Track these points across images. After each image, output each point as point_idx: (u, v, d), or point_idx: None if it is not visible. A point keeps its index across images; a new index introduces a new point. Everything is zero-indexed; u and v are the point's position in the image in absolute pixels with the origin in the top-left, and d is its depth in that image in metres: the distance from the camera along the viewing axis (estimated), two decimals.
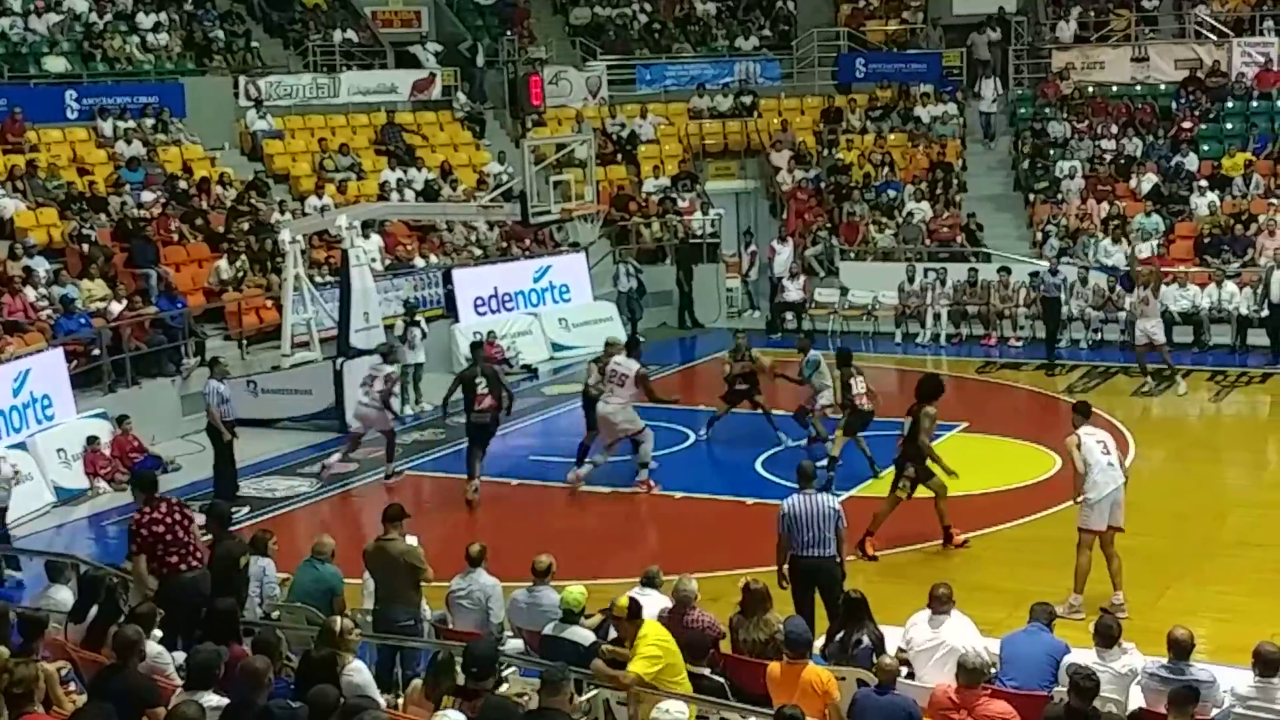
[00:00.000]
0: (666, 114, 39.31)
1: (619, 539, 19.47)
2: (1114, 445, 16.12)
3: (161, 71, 34.09)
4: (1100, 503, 15.71)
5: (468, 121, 37.52)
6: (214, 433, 21.35)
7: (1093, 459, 15.75)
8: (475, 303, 30.34)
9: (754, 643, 12.54)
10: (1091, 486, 15.71)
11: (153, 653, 11.60)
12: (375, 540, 14.02)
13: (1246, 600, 16.11)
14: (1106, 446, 15.92)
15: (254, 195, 30.97)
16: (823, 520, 14.42)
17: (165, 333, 25.85)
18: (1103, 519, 15.75)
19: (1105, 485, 15.72)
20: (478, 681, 10.41)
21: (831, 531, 14.44)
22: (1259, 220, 30.81)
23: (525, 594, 13.69)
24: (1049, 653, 11.97)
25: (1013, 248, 32.94)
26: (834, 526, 14.46)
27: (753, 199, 38.14)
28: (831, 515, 14.48)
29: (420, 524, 16.13)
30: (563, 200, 26.05)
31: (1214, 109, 35.39)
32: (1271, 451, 23.71)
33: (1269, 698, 10.86)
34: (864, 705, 11.12)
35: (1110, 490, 15.73)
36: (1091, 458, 15.76)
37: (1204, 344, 28.82)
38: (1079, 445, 15.86)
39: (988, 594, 14.96)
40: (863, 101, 38.99)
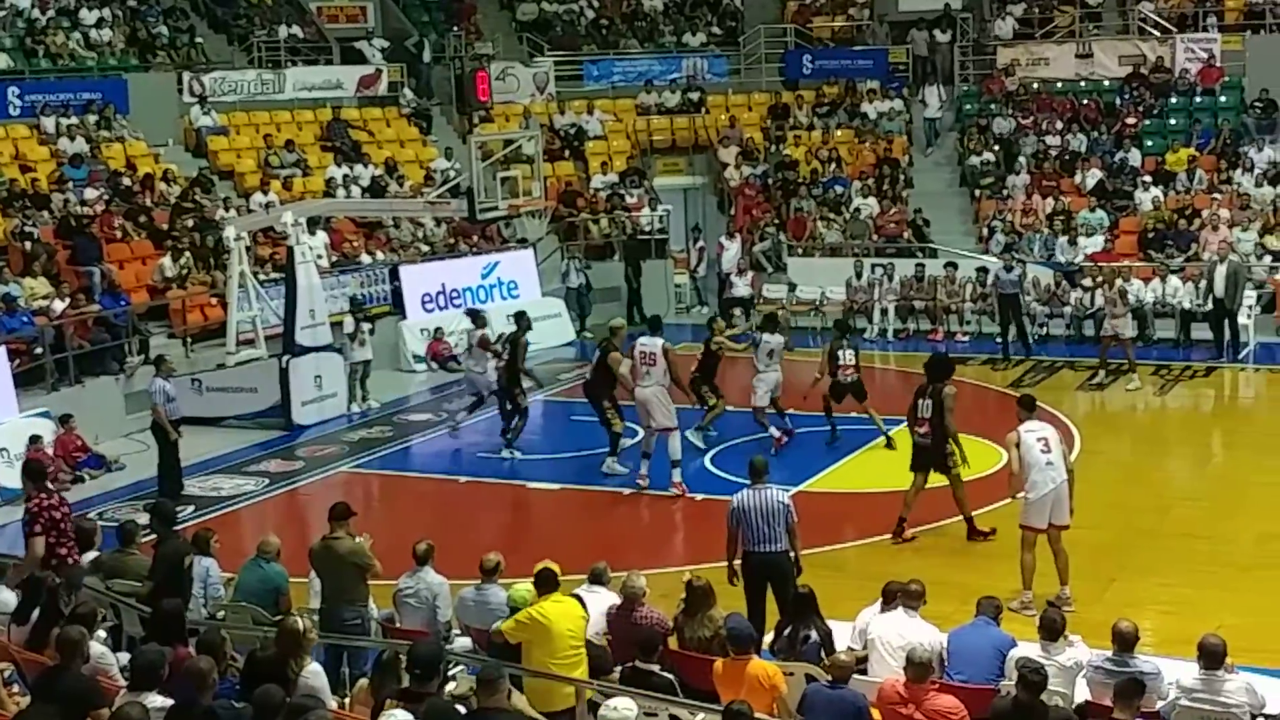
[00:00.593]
0: (614, 110, 39.29)
1: (568, 536, 19.41)
2: (1056, 442, 16.03)
3: (105, 68, 33.87)
4: (1039, 501, 15.72)
5: (414, 117, 37.39)
6: (159, 431, 21.21)
7: (1032, 457, 15.73)
8: (423, 299, 30.25)
9: (699, 640, 12.54)
10: (1031, 486, 15.74)
11: (96, 653, 11.49)
12: (321, 539, 13.94)
13: (1191, 593, 16.21)
14: (1048, 444, 15.85)
15: (198, 192, 30.76)
16: (773, 515, 14.41)
17: (109, 331, 25.66)
18: (1043, 517, 15.76)
19: (1044, 485, 15.70)
20: (422, 683, 10.24)
21: (782, 526, 14.43)
22: (1202, 215, 31.03)
23: (473, 592, 13.63)
24: (996, 646, 12.00)
25: (959, 243, 33.07)
26: (784, 521, 14.45)
27: (700, 195, 38.17)
28: (781, 510, 14.46)
29: (367, 522, 16.07)
30: (510, 196, 25.98)
31: (1158, 105, 35.59)
32: (1216, 445, 23.89)
33: (1213, 689, 10.93)
34: (814, 700, 11.13)
35: (1049, 489, 15.70)
36: (1031, 456, 15.74)
37: (1148, 338, 28.97)
38: (1018, 443, 15.85)
39: (935, 588, 14.90)
40: (810, 98, 39.05)
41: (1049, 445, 15.86)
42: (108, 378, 25.17)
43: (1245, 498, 19.99)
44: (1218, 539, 18.14)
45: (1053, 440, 15.98)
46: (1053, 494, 15.73)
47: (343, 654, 13.06)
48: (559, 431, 25.07)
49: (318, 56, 37.78)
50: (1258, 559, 17.41)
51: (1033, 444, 15.81)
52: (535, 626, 12.10)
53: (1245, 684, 11.06)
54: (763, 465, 14.99)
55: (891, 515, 18.30)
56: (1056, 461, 15.83)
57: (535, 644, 12.06)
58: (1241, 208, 31.23)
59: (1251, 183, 32.12)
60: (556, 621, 12.10)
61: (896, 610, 12.56)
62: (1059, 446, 16.03)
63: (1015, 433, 15.99)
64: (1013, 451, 15.90)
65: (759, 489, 14.64)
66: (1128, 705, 10.25)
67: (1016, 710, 10.53)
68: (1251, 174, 32.37)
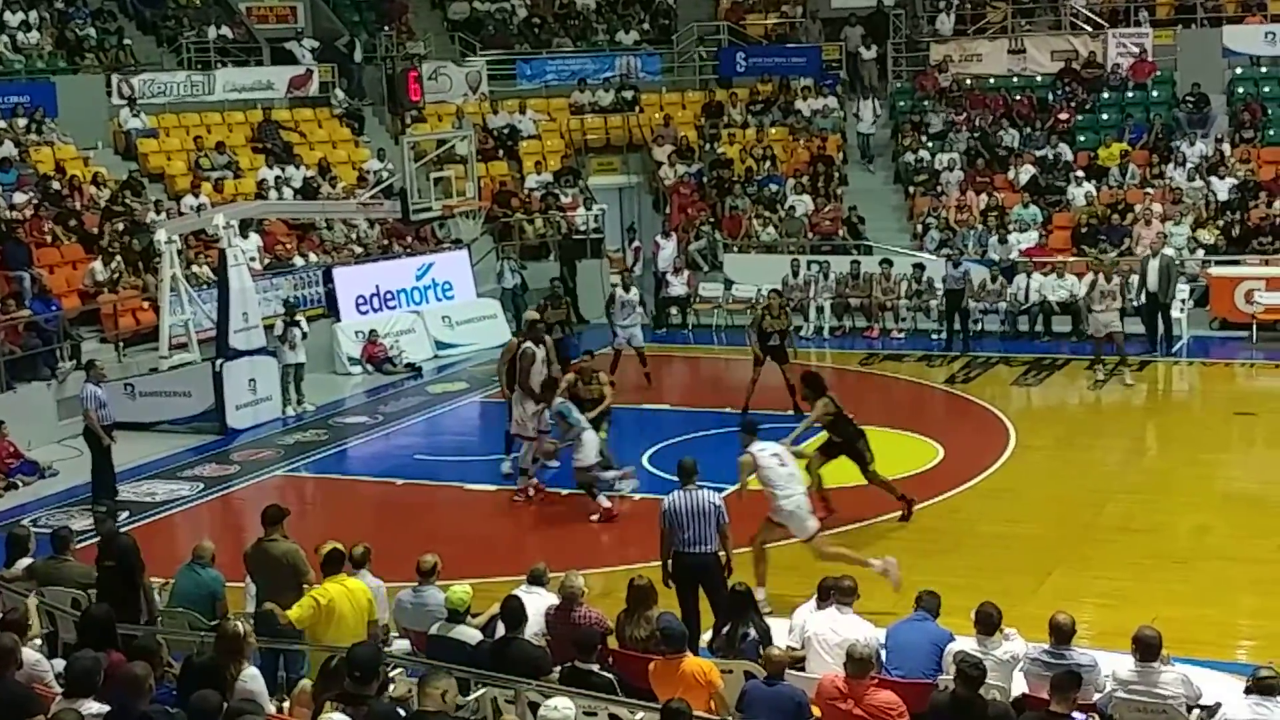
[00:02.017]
0: (547, 109, 39.24)
1: (505, 537, 19.34)
2: (789, 456, 16.22)
3: (32, 71, 33.57)
4: (796, 512, 15.78)
5: (346, 118, 37.20)
6: (92, 437, 20.98)
7: (773, 474, 15.78)
8: (357, 301, 30.11)
9: (636, 640, 12.52)
10: (786, 499, 15.74)
11: (30, 660, 11.35)
12: (256, 542, 13.84)
13: (1127, 585, 16.31)
14: (782, 459, 15.98)
15: (129, 195, 30.49)
16: (703, 516, 14.38)
17: (40, 336, 25.37)
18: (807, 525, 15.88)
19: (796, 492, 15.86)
20: (361, 685, 10.26)
21: (713, 527, 14.40)
22: (1135, 210, 31.23)
23: (410, 594, 13.58)
24: (933, 641, 12.04)
25: (894, 240, 33.19)
26: (715, 522, 14.42)
27: (635, 194, 38.14)
28: (713, 511, 14.43)
29: (304, 526, 15.97)
30: (444, 197, 25.93)
31: (1090, 100, 35.85)
32: (1150, 438, 24.04)
33: (1149, 681, 11.00)
34: (753, 696, 11.14)
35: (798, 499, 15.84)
36: (771, 474, 15.78)
37: (1082, 333, 29.10)
38: (755, 465, 15.86)
39: (872, 583, 15.00)
40: (744, 95, 39.10)
41: (784, 460, 16.00)
42: (39, 383, 24.89)
43: (1180, 490, 20.13)
44: (1153, 531, 18.27)
45: (786, 455, 16.14)
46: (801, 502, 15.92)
47: (280, 657, 12.96)
48: (496, 433, 24.95)
49: (248, 57, 37.54)
50: (1193, 551, 17.56)
51: (769, 460, 15.88)
52: (321, 609, 12.35)
53: (1181, 675, 11.13)
54: (692, 466, 14.90)
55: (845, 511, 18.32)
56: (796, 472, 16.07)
57: (322, 625, 12.29)
58: (1174, 202, 31.46)
59: (1184, 177, 32.38)
60: (340, 602, 12.40)
61: (830, 607, 12.58)
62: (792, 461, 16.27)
63: (748, 454, 15.99)
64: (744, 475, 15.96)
65: (690, 490, 14.60)
66: (1064, 697, 10.29)
67: (955, 705, 10.59)
68: (1184, 168, 32.64)
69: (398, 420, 25.59)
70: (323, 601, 12.39)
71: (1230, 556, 17.19)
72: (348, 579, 12.75)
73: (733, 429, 22.64)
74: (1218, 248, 30.29)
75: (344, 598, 12.47)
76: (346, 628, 12.30)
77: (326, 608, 12.36)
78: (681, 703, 10.12)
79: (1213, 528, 18.38)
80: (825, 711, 11.09)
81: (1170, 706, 10.92)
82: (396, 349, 29.50)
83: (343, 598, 12.46)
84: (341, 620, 12.34)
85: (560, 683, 11.43)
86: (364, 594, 12.67)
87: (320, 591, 12.53)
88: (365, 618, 12.57)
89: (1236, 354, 27.83)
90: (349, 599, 12.51)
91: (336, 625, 12.29)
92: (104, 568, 13.75)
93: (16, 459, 22.56)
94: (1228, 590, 16.11)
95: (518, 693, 11.19)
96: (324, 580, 12.67)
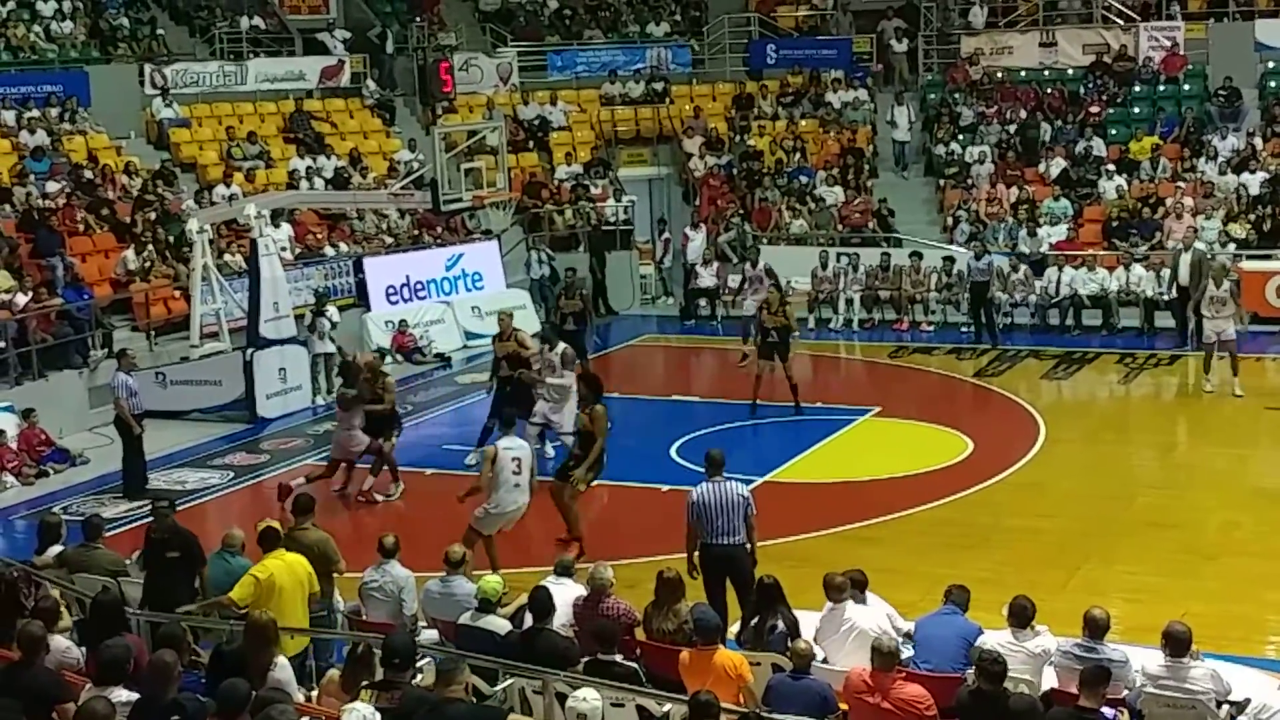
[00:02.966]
0: (578, 100, 39.23)
1: (533, 528, 19.36)
2: (528, 465, 16.53)
3: (66, 60, 33.67)
4: (500, 517, 16.43)
5: (377, 109, 37.24)
6: (122, 425, 21.09)
7: (503, 476, 16.27)
8: (387, 291, 30.15)
9: (663, 632, 12.54)
10: (496, 503, 16.31)
11: (60, 648, 11.43)
12: (287, 531, 13.90)
13: (1156, 580, 16.28)
14: (520, 465, 16.26)
15: (161, 184, 30.58)
16: (731, 508, 14.36)
17: (72, 324, 25.49)
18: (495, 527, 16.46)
19: (508, 504, 16.34)
20: (397, 673, 10.42)
21: (740, 519, 14.39)
22: (1166, 204, 31.13)
23: (439, 584, 13.62)
24: (962, 635, 12.00)
25: (924, 233, 33.11)
26: (743, 514, 14.40)
27: (665, 185, 38.08)
28: (740, 503, 14.41)
29: (334, 515, 16.03)
30: (474, 187, 25.99)
31: (1121, 93, 35.70)
32: (1179, 433, 23.98)
33: (1179, 677, 10.96)
34: (779, 689, 11.15)
35: (511, 510, 16.42)
36: (503, 475, 16.26)
37: (1113, 327, 29.08)
38: (494, 458, 16.30)
39: (900, 577, 15.01)
40: (774, 88, 39.01)
41: (520, 467, 16.31)
42: (71, 372, 25.00)
43: (1210, 485, 20.08)
44: (1183, 527, 18.22)
45: (525, 462, 16.46)
46: (512, 515, 16.53)
47: (309, 646, 13.03)
48: None
49: (280, 48, 37.60)
50: (1222, 546, 17.52)
51: (507, 462, 16.29)
52: (261, 586, 12.66)
53: (1210, 671, 11.09)
54: (720, 458, 14.88)
55: (857, 507, 18.33)
56: (524, 485, 16.45)
57: (263, 601, 12.50)
58: (1205, 196, 31.31)
59: (1215, 171, 32.22)
60: (280, 576, 12.74)
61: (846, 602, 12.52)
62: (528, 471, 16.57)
63: (494, 447, 16.52)
64: (487, 465, 16.40)
65: (717, 482, 14.57)
66: (1094, 692, 10.27)
67: (978, 699, 10.58)
68: (1215, 162, 32.47)
69: (426, 410, 25.64)
70: (262, 578, 12.70)
71: (1260, 552, 17.15)
72: (285, 553, 13.08)
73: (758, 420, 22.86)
74: (1249, 242, 30.15)
75: (283, 572, 12.81)
76: (287, 600, 12.66)
77: (266, 583, 12.65)
78: (710, 694, 10.12)
79: (1242, 523, 18.35)
80: (852, 705, 11.10)
81: (1200, 702, 10.88)
82: (426, 339, 29.55)
83: (282, 572, 12.80)
84: (282, 593, 12.66)
85: (584, 674, 11.46)
86: (303, 567, 12.99)
87: (259, 568, 12.86)
88: (305, 590, 12.92)
89: (1267, 349, 27.67)
90: (289, 572, 12.84)
91: (278, 599, 12.57)
92: (168, 559, 13.81)
93: (48, 447, 22.69)
94: (1257, 586, 16.05)
95: (545, 683, 11.22)
96: (263, 557, 13.01)
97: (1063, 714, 10.38)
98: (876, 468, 19.18)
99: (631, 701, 11.02)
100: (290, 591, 12.73)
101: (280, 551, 13.03)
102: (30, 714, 9.85)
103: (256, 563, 13.97)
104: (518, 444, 16.52)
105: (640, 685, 11.39)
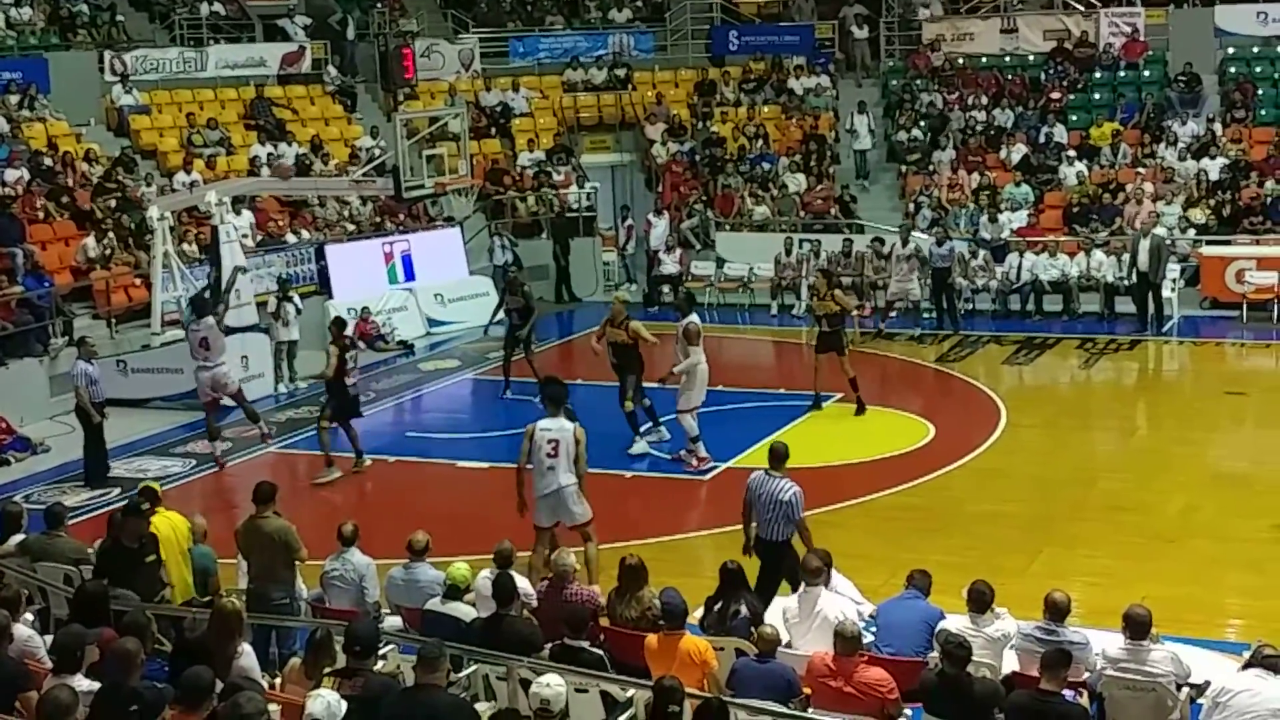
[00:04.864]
0: (540, 87, 39.16)
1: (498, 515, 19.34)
2: (566, 448, 15.68)
3: (25, 47, 33.44)
4: (537, 499, 15.75)
5: (339, 95, 37.10)
6: (83, 414, 20.97)
7: (536, 457, 15.73)
8: (349, 278, 30.01)
9: (626, 619, 12.54)
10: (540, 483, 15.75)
11: (22, 636, 11.40)
12: (248, 519, 13.90)
13: (1116, 564, 16.37)
14: (556, 448, 15.67)
15: (121, 171, 30.44)
16: (773, 505, 14.30)
17: (32, 312, 25.37)
18: (541, 516, 15.77)
19: (540, 488, 15.70)
20: (360, 660, 10.42)
21: (781, 518, 14.29)
22: (1127, 189, 31.28)
23: (402, 571, 13.61)
24: (924, 619, 12.08)
25: (886, 219, 33.17)
26: (784, 514, 14.28)
27: (628, 172, 38.13)
28: (781, 504, 14.27)
29: (296, 503, 15.98)
30: (437, 174, 25.90)
31: (1082, 79, 35.83)
32: (1139, 418, 24.09)
33: (1139, 660, 11.03)
34: (743, 674, 11.20)
35: (547, 491, 15.69)
36: (536, 456, 15.73)
37: (1073, 312, 29.22)
38: (531, 436, 15.77)
39: (863, 561, 15.06)
40: (736, 74, 39.03)
41: (557, 450, 15.70)
42: (32, 360, 24.88)
43: (1170, 469, 20.19)
44: (1142, 511, 18.33)
45: (563, 445, 15.69)
46: (552, 497, 15.71)
47: (271, 634, 13.01)
48: (488, 410, 25.02)
49: (240, 34, 37.45)
50: (1182, 530, 17.63)
51: (543, 444, 15.71)
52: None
53: (1170, 654, 11.18)
54: (782, 450, 14.74)
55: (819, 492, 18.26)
56: (558, 467, 15.67)
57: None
58: (1165, 181, 31.49)
59: (1175, 156, 32.38)
60: (163, 530, 13.76)
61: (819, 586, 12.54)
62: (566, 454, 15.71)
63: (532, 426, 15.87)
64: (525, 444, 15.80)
65: (771, 476, 14.49)
66: (1054, 676, 10.32)
67: (943, 683, 10.65)
68: (1175, 148, 32.62)
69: (389, 397, 25.60)
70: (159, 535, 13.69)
71: (1219, 536, 17.27)
72: (166, 511, 14.25)
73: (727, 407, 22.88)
74: (1209, 227, 30.34)
75: (164, 526, 13.86)
76: (167, 554, 13.66)
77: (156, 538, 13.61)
78: (674, 679, 10.16)
79: (1202, 507, 18.45)
80: (815, 689, 11.15)
81: (1160, 684, 10.95)
82: (389, 326, 29.49)
83: (163, 526, 13.83)
84: (166, 544, 13.70)
85: (550, 660, 11.47)
86: (181, 522, 14.12)
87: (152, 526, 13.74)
88: (186, 544, 13.97)
89: (1227, 333, 27.89)
90: (169, 527, 13.91)
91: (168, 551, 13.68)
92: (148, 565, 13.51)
93: (9, 435, 22.56)
94: (1217, 569, 16.18)
95: (509, 669, 11.23)
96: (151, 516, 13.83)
97: (1024, 697, 10.45)
98: (839, 453, 19.22)
99: (595, 687, 11.03)
100: (172, 543, 13.76)
101: (161, 509, 14.15)
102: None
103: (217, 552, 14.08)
104: (557, 425, 15.80)
105: (605, 671, 11.41)
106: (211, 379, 21.41)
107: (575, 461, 15.71)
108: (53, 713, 9.15)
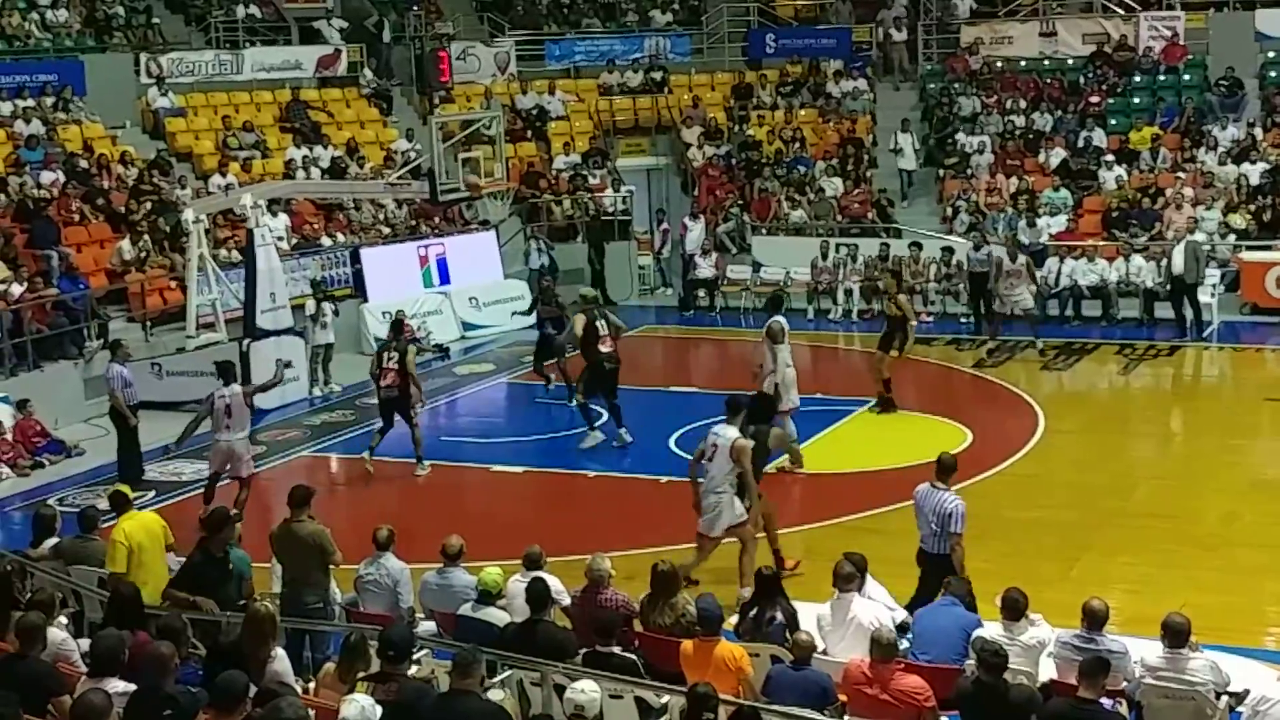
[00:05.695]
0: (576, 90, 39.15)
1: (532, 519, 19.33)
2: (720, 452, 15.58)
3: (61, 49, 33.59)
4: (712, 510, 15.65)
5: (374, 98, 37.13)
6: (117, 416, 21.03)
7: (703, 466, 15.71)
8: (384, 282, 30.01)
9: (659, 626, 12.48)
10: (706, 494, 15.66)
11: (56, 640, 11.36)
12: (283, 523, 13.86)
13: (1155, 571, 16.25)
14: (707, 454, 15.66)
15: (156, 174, 30.50)
16: (932, 516, 14.12)
17: (67, 315, 25.43)
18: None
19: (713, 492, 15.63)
20: (394, 665, 10.38)
21: (940, 528, 14.11)
22: (1166, 194, 31.06)
23: (436, 576, 13.59)
24: (961, 626, 11.98)
25: (923, 223, 33.04)
26: (941, 525, 14.10)
27: (664, 175, 38.06)
28: (941, 516, 14.07)
29: (330, 507, 15.95)
30: (472, 177, 25.88)
31: (1121, 83, 35.65)
32: (1178, 424, 23.93)
33: (1178, 668, 10.94)
34: (779, 680, 11.13)
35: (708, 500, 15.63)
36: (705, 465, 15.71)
37: (1112, 317, 29.06)
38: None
39: (901, 568, 14.91)
40: (773, 77, 38.98)
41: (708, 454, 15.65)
42: (66, 362, 24.96)
43: (1209, 476, 20.04)
44: (1182, 518, 18.19)
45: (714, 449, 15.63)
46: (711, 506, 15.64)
47: (305, 638, 12.98)
48: (522, 414, 24.99)
49: (276, 37, 37.52)
50: (1222, 538, 17.47)
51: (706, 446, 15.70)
52: (133, 549, 13.50)
53: (1209, 662, 11.07)
54: (950, 464, 14.57)
55: (858, 498, 18.27)
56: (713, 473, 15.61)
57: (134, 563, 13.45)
58: (1205, 186, 31.27)
59: (1215, 161, 32.15)
60: (136, 534, 13.61)
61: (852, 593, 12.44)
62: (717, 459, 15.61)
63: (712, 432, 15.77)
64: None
65: (935, 488, 14.29)
66: (1093, 684, 10.23)
67: (979, 690, 10.57)
68: (1215, 152, 32.40)
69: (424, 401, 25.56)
70: (133, 543, 13.50)
71: (1259, 543, 17.11)
72: (136, 513, 14.18)
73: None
74: (1249, 233, 30.12)
75: (140, 530, 13.70)
76: (149, 556, 13.59)
77: (138, 547, 13.50)
78: (708, 686, 10.10)
79: (1242, 514, 18.31)
80: (851, 696, 11.08)
81: (1198, 693, 10.86)
82: (424, 330, 29.47)
83: (139, 530, 13.69)
84: (144, 550, 13.57)
85: (583, 665, 11.42)
86: (156, 522, 14.02)
87: (118, 532, 13.65)
88: (163, 542, 13.90)
89: (1267, 339, 27.66)
90: (144, 530, 13.75)
91: (139, 555, 13.51)
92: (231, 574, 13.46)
93: (43, 438, 22.61)
94: (1256, 577, 16.03)
95: (544, 675, 11.17)
96: (118, 520, 13.88)
97: (1062, 705, 10.37)
98: (876, 459, 19.10)
99: (630, 693, 10.97)
100: (149, 546, 13.66)
101: (131, 512, 14.10)
102: (28, 705, 9.79)
103: (251, 556, 14.00)
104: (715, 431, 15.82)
105: (639, 677, 11.34)
106: (230, 451, 19.51)
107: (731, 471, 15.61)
108: (86, 717, 9.13)
